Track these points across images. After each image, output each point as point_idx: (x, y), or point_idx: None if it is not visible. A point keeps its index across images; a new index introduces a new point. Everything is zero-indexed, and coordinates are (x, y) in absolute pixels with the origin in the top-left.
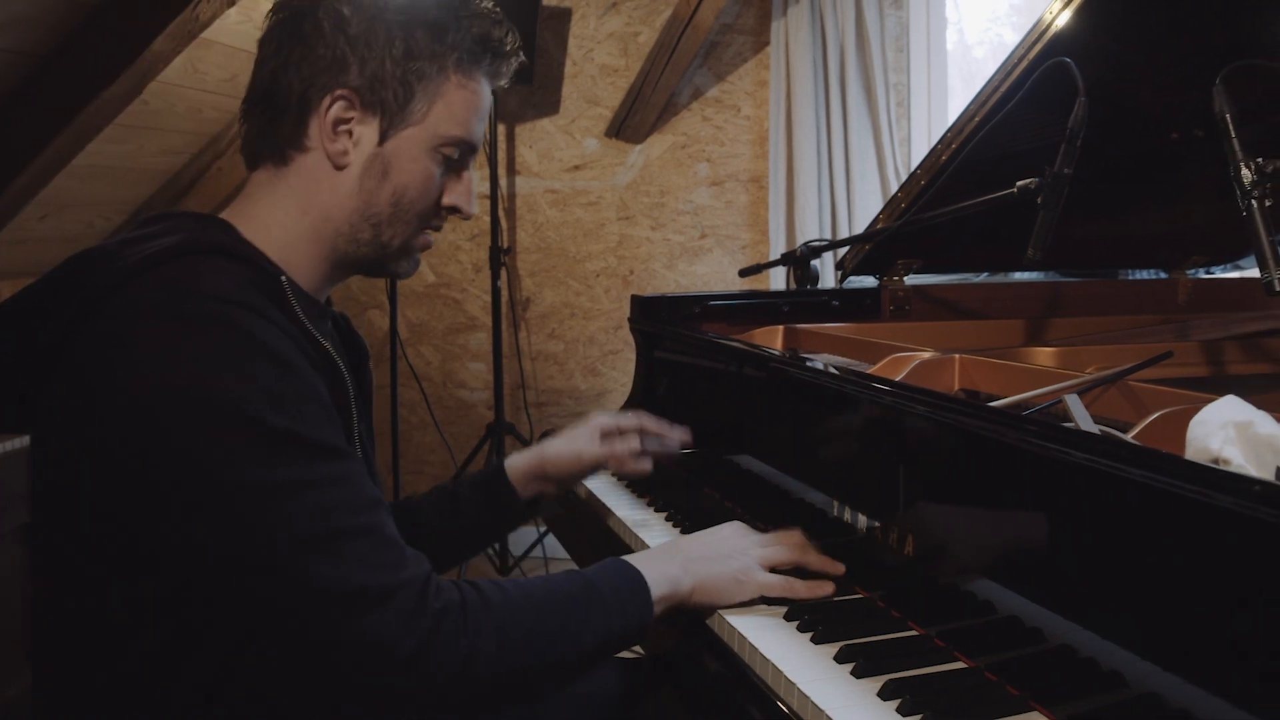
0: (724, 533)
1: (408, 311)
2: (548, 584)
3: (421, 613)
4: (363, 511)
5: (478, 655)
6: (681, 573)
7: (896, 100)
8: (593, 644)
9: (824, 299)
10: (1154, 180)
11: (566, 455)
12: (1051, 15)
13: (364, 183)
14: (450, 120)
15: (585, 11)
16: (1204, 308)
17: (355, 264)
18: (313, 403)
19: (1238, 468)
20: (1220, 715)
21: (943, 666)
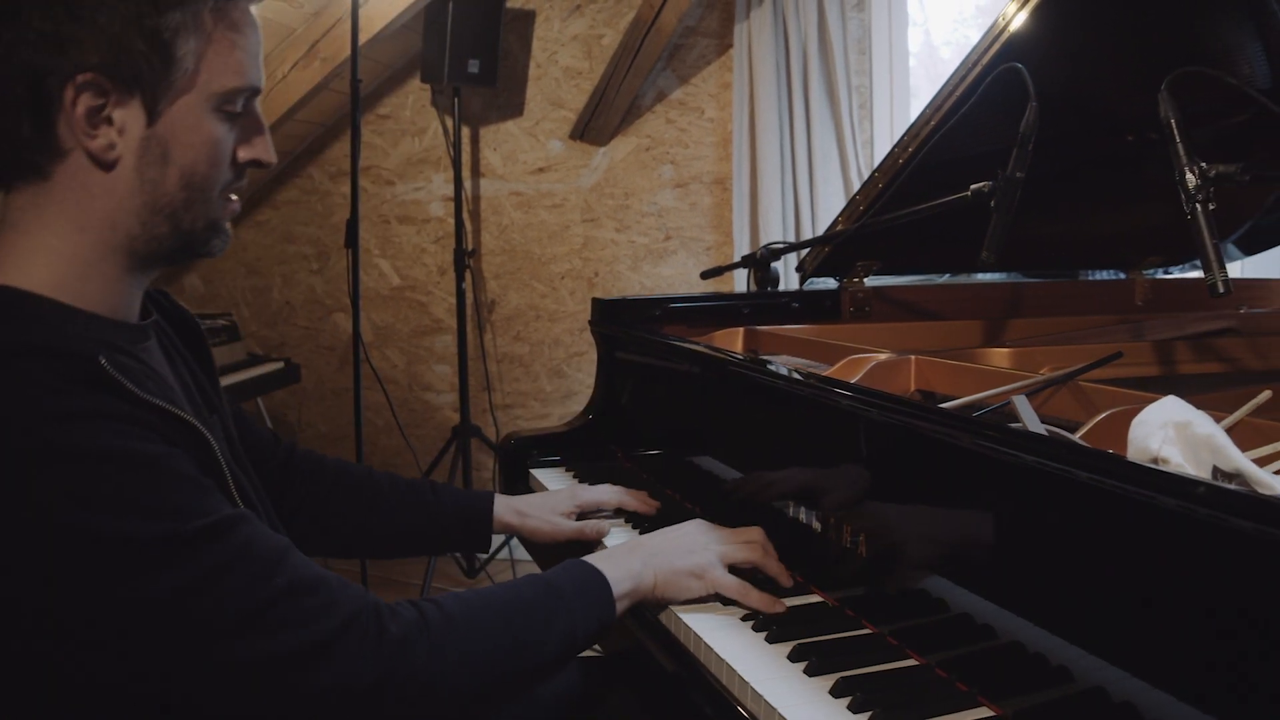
0: (686, 529)
1: (373, 314)
2: (509, 591)
3: (379, 642)
4: (275, 573)
5: (446, 672)
6: (643, 568)
7: (859, 102)
8: (558, 647)
9: (784, 301)
10: (1111, 182)
11: (544, 528)
12: (1005, 20)
13: (144, 174)
14: (224, 72)
15: (549, 14)
16: (1161, 308)
17: (161, 258)
18: (178, 488)
19: (1176, 467)
20: (1163, 708)
21: (894, 664)
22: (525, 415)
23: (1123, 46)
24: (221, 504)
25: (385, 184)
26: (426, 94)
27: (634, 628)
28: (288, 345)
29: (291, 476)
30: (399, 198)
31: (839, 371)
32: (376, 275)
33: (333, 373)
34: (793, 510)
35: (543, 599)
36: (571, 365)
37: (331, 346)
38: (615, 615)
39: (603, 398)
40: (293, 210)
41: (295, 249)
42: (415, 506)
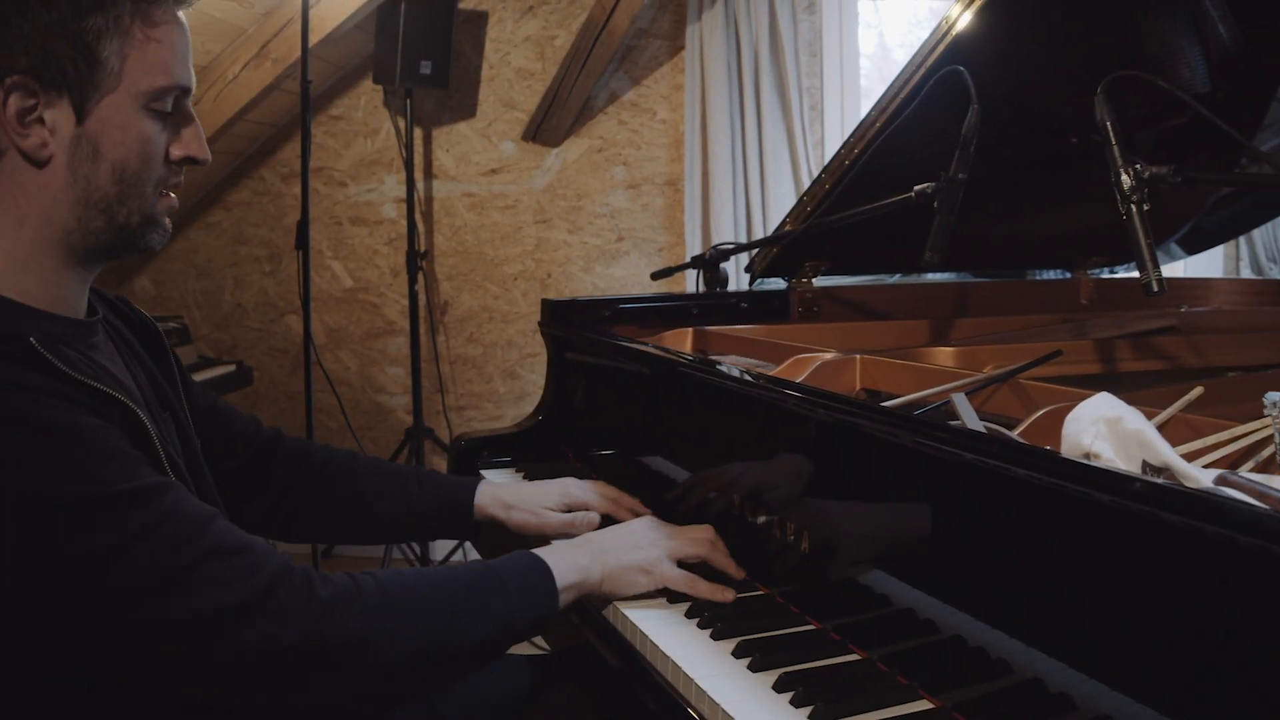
0: (634, 526)
1: (325, 316)
2: (448, 570)
3: (306, 604)
4: (198, 536)
5: (376, 640)
6: (590, 562)
7: (810, 104)
8: (495, 631)
9: (733, 301)
10: (1057, 182)
11: (531, 522)
12: (949, 22)
13: (76, 170)
14: (149, 72)
15: (502, 15)
16: (1105, 306)
17: (100, 253)
18: (102, 456)
19: (1107, 461)
20: (1098, 698)
21: (837, 659)
22: (479, 417)
23: (1066, 49)
24: (147, 473)
25: (338, 185)
26: (379, 95)
27: (581, 624)
28: (240, 348)
29: (273, 463)
30: (351, 199)
31: (785, 371)
32: (329, 277)
33: (285, 375)
34: (739, 507)
35: (481, 581)
36: (525, 366)
37: (284, 349)
38: (558, 606)
39: (553, 398)
40: (244, 212)
41: (247, 251)
42: (396, 495)
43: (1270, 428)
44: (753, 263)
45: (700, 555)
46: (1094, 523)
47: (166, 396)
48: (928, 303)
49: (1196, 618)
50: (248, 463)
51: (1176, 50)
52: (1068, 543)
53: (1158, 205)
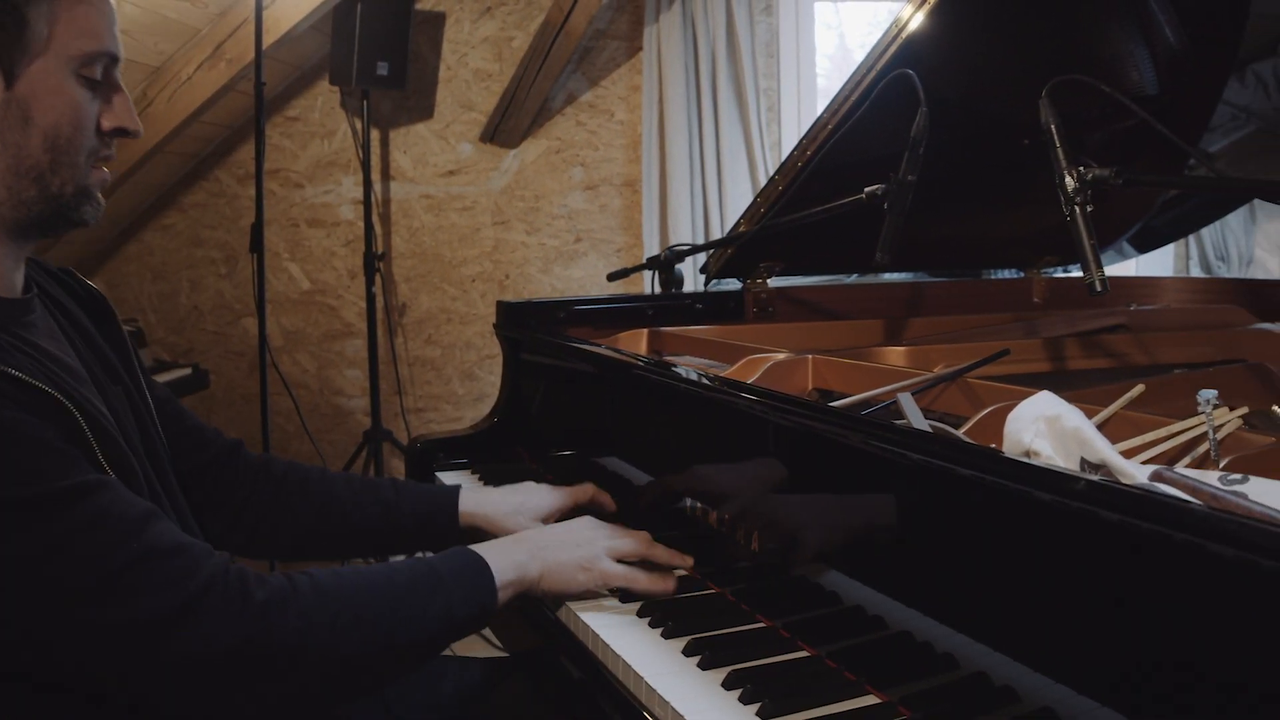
0: (574, 525)
1: (282, 319)
2: (387, 569)
3: (242, 606)
4: (132, 538)
5: (313, 640)
6: (529, 559)
7: (767, 105)
8: (434, 628)
9: (688, 302)
10: (1010, 183)
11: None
12: (899, 25)
13: (6, 137)
14: (80, 36)
15: (459, 16)
16: (1057, 305)
17: (32, 226)
18: (30, 452)
19: (1046, 459)
20: (1041, 690)
21: (786, 656)
22: (438, 418)
23: (1018, 52)
24: (82, 470)
25: (294, 187)
26: (336, 96)
27: (535, 626)
28: (196, 351)
29: (234, 476)
30: (308, 200)
31: (737, 372)
32: (286, 279)
33: (243, 378)
34: (690, 507)
35: (420, 578)
36: (483, 368)
37: (241, 351)
38: (497, 603)
39: (508, 400)
40: (200, 213)
41: (203, 253)
42: (372, 507)
43: (1205, 425)
44: (708, 264)
45: (639, 553)
46: (1034, 520)
47: (116, 370)
48: (882, 302)
49: (1135, 612)
50: (208, 465)
51: (1125, 53)
52: (1010, 539)
53: (1110, 205)
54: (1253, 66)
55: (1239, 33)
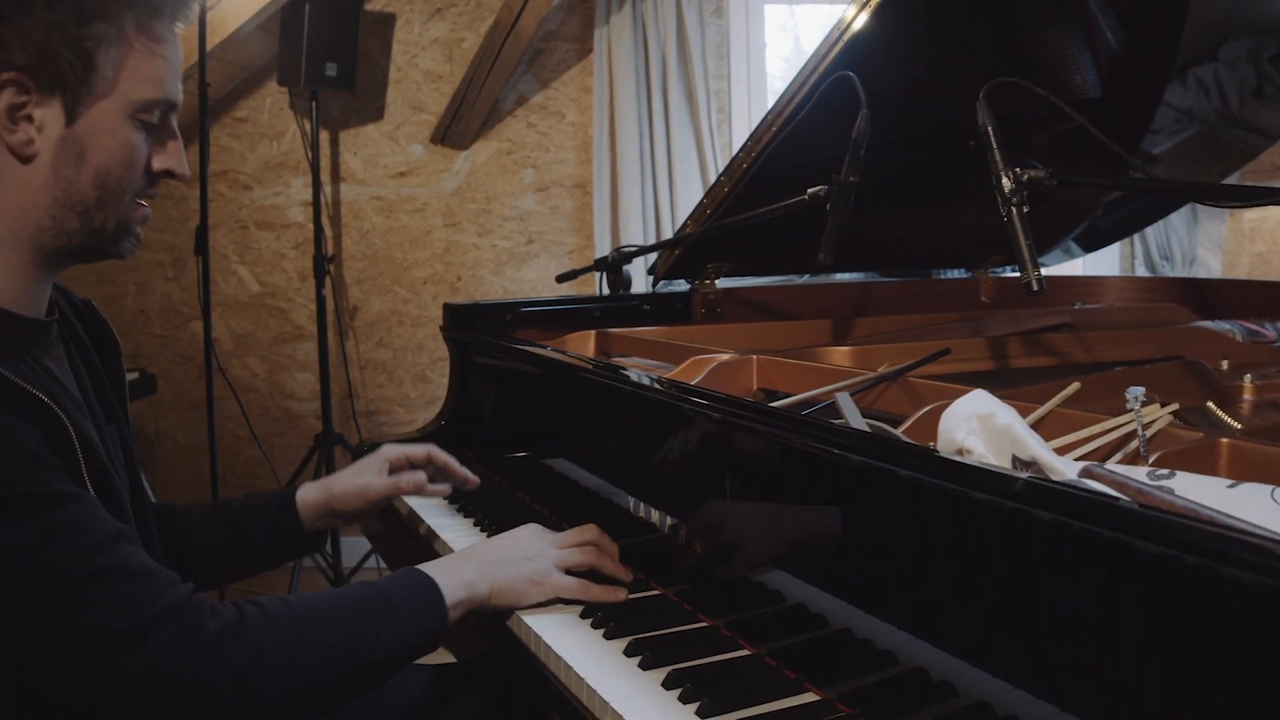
0: (520, 535)
1: (232, 322)
2: (335, 596)
3: (193, 638)
4: (99, 553)
5: (263, 672)
6: (478, 577)
7: (718, 106)
8: (385, 653)
9: (636, 303)
10: (956, 184)
11: (352, 491)
12: (843, 26)
13: (59, 171)
14: (142, 83)
15: (409, 17)
16: (1004, 305)
17: (69, 255)
18: (13, 456)
19: (979, 457)
20: (979, 685)
21: (726, 655)
22: (389, 421)
23: (963, 54)
24: (61, 480)
25: (243, 189)
26: (284, 97)
27: (481, 631)
28: (143, 355)
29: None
30: (257, 202)
31: (682, 373)
32: (235, 282)
33: (191, 382)
34: (633, 507)
35: (370, 604)
36: (435, 370)
37: (189, 355)
38: (447, 623)
39: (456, 403)
40: None
41: (150, 255)
42: (220, 526)
43: (1135, 422)
44: (655, 265)
45: (589, 563)
46: (970, 518)
47: (113, 408)
48: (829, 303)
49: (1070, 607)
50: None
51: (1068, 56)
52: (946, 537)
53: (1055, 205)
54: (1193, 70)
55: (1177, 36)
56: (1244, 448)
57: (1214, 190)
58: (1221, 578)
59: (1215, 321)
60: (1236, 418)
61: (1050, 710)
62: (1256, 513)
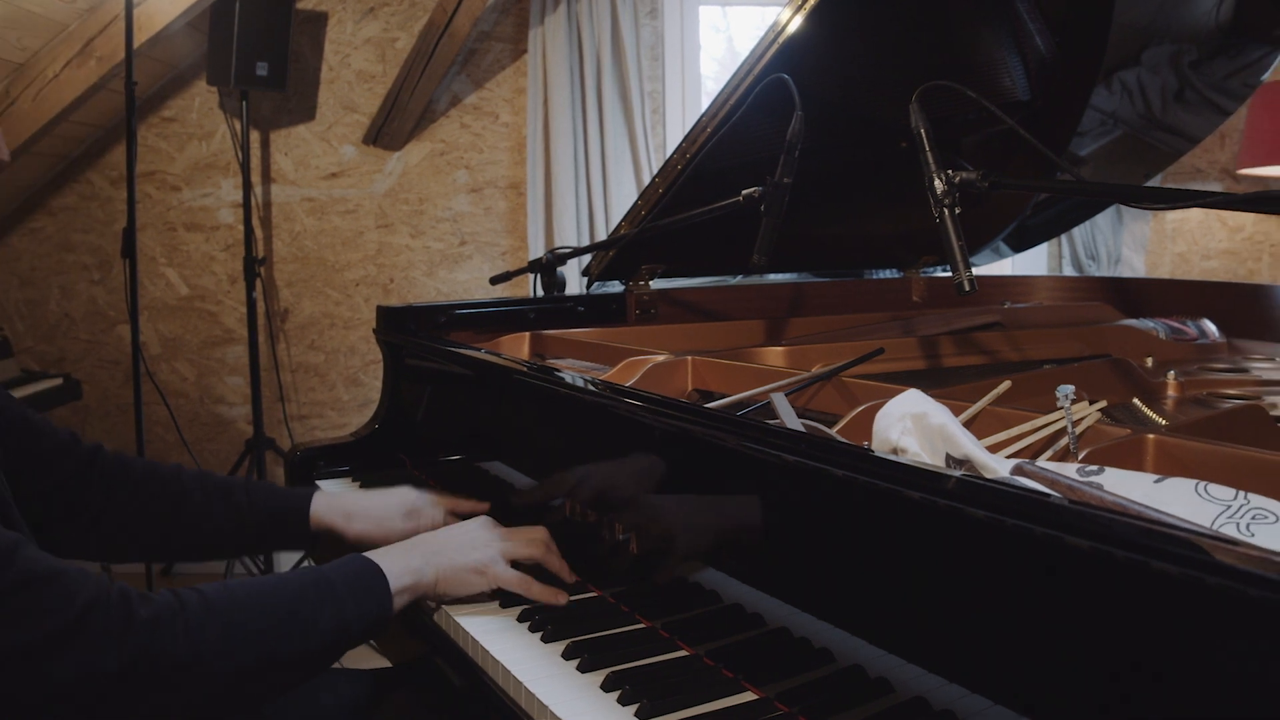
0: (469, 527)
1: (160, 326)
2: (279, 579)
3: (124, 628)
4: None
5: (203, 653)
6: (423, 564)
7: (652, 108)
8: (329, 635)
9: (570, 305)
10: (889, 185)
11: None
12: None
13: None
14: None
15: (342, 16)
16: (936, 304)
17: None
18: None
19: (913, 455)
20: (913, 679)
21: (664, 656)
22: (322, 425)
23: (896, 57)
24: None
25: (171, 190)
26: (214, 96)
27: (415, 632)
28: (68, 360)
29: (93, 480)
30: (186, 204)
31: (617, 374)
32: (163, 285)
33: (118, 387)
34: (570, 509)
35: (312, 587)
36: (368, 373)
37: (116, 360)
38: (392, 608)
39: (390, 406)
40: (71, 217)
41: (74, 258)
42: (223, 508)
43: (1064, 419)
44: (589, 266)
45: (535, 557)
46: (905, 517)
47: None
48: (764, 303)
49: (1005, 603)
50: (65, 480)
51: (998, 60)
52: (882, 536)
53: (986, 206)
54: (1118, 74)
55: (1103, 41)
56: (1169, 443)
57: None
58: (1150, 571)
59: (1140, 320)
60: (1161, 414)
61: (984, 703)
62: (1182, 506)
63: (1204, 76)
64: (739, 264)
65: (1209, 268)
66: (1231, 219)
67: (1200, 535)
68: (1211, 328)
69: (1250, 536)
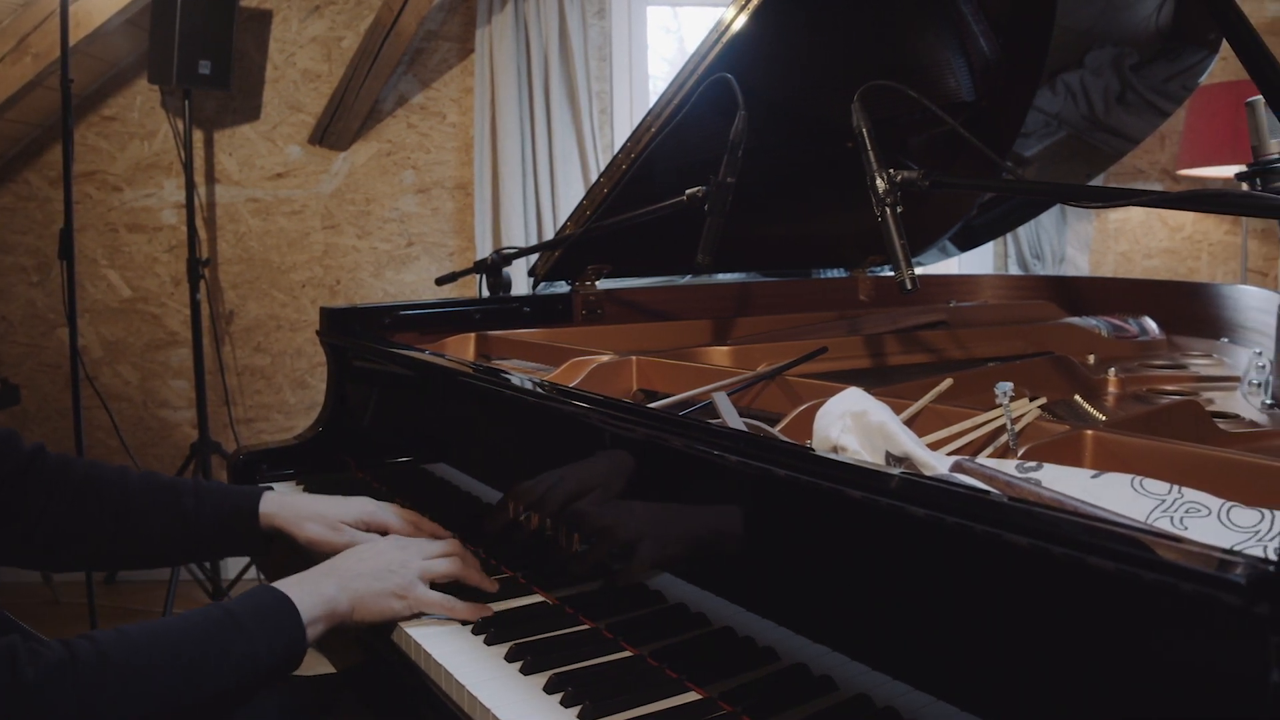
0: (381, 548)
1: (102, 329)
2: (182, 620)
3: (11, 691)
4: None
5: (100, 709)
6: (338, 592)
7: (599, 108)
8: (236, 677)
9: (516, 305)
10: (835, 185)
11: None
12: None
13: None
14: None
15: (287, 14)
16: (883, 304)
17: None
18: None
19: (853, 453)
20: (856, 676)
21: (608, 657)
22: (269, 429)
23: (841, 56)
24: None
25: (112, 190)
26: (156, 95)
27: (357, 639)
28: (6, 364)
29: (32, 481)
30: (128, 204)
31: (561, 375)
32: (105, 287)
33: (58, 392)
34: (514, 511)
35: (218, 628)
36: (315, 376)
37: (56, 364)
38: (306, 641)
39: (334, 408)
40: (7, 218)
41: (11, 260)
42: (169, 510)
43: (1003, 416)
44: (535, 267)
45: (452, 574)
46: (847, 515)
47: None
48: (710, 303)
49: (947, 600)
50: (1, 481)
51: (944, 60)
52: (824, 534)
53: (932, 206)
54: (1062, 77)
55: (1045, 43)
56: (1107, 439)
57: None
58: (1086, 567)
59: (1083, 318)
60: (1102, 410)
61: (926, 699)
62: (1118, 501)
63: (1145, 79)
64: (685, 264)
65: (1151, 266)
66: (1172, 219)
67: (1136, 531)
68: (1152, 325)
69: (1184, 530)
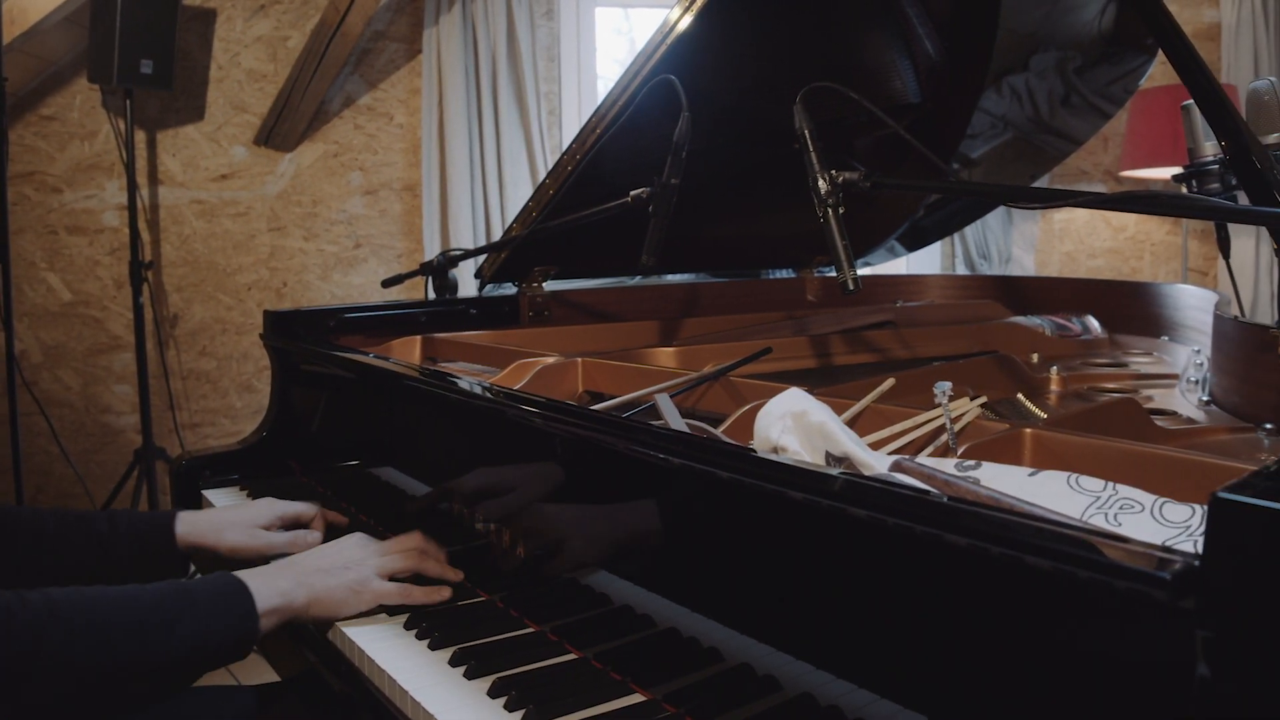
0: (342, 544)
1: (41, 333)
2: (138, 588)
3: None
4: None
5: (45, 647)
6: (294, 586)
7: (548, 109)
8: (184, 651)
9: (462, 308)
10: (782, 186)
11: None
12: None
13: None
14: None
15: (231, 13)
16: (829, 304)
17: None
18: None
19: (793, 453)
20: (800, 676)
21: (552, 660)
22: (215, 434)
23: (787, 57)
24: None
25: (52, 191)
26: (96, 95)
27: (302, 645)
28: None
29: None
30: (68, 206)
31: (506, 377)
32: (44, 290)
33: None
34: (458, 513)
35: (170, 599)
36: (262, 380)
37: None
38: (258, 629)
39: (279, 412)
40: None
41: None
42: (84, 542)
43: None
44: (481, 269)
45: (411, 568)
46: (788, 516)
47: None
48: (659, 304)
49: (888, 599)
50: None
51: (889, 63)
52: (767, 535)
53: (879, 206)
54: (1007, 79)
55: (989, 45)
56: (1046, 437)
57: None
58: (1024, 565)
59: (1028, 317)
60: (1044, 408)
61: (870, 698)
62: (1054, 499)
63: (1088, 82)
64: (632, 265)
65: (1095, 266)
66: (1115, 219)
67: (1070, 529)
68: (1095, 324)
69: (1118, 526)
